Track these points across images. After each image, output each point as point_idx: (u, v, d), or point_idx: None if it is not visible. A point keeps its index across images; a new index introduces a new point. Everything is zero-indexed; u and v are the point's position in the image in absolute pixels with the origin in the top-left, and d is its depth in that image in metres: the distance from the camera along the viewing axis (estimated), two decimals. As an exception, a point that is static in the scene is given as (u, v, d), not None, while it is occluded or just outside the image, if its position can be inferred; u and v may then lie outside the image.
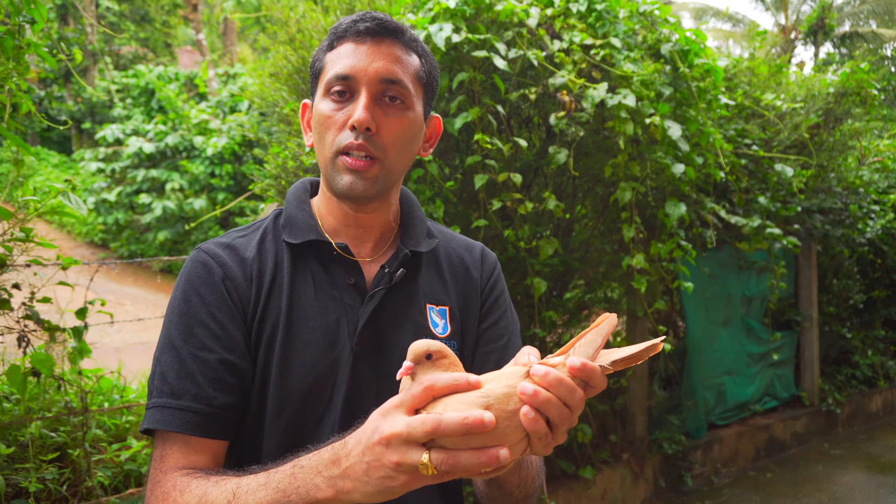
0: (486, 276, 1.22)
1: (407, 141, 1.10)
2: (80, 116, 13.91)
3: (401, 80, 1.07)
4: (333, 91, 1.07)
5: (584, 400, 0.79)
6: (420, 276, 1.15)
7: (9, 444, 2.57)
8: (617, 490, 4.22)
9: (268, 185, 3.51)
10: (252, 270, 1.08)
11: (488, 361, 1.16)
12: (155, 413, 1.00)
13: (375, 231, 1.16)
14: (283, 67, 3.45)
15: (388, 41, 1.08)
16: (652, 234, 3.85)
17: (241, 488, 0.89)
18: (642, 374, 4.47)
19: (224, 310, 1.04)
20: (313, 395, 1.04)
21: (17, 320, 2.36)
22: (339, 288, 1.09)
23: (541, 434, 0.77)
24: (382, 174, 1.07)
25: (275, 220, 1.15)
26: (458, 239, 1.26)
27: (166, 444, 1.00)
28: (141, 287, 10.13)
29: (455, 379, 0.77)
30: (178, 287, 1.07)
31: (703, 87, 3.57)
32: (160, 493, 0.96)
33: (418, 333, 1.10)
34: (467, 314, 1.18)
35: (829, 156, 5.26)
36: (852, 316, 6.71)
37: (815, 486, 4.79)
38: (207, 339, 1.02)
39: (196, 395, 1.00)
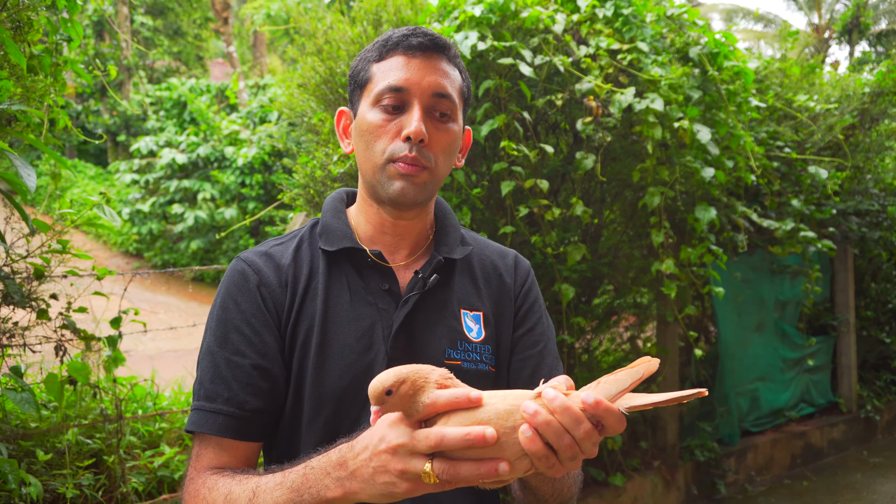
0: (520, 283, 1.24)
1: (452, 152, 1.15)
2: (115, 129, 14.25)
3: (450, 94, 1.12)
4: (384, 102, 1.10)
5: (591, 434, 0.78)
6: (454, 282, 1.18)
7: (46, 450, 2.63)
8: (648, 497, 4.17)
9: (296, 195, 3.55)
10: (287, 276, 1.12)
11: (525, 368, 1.18)
12: (192, 415, 1.07)
13: (411, 238, 1.19)
14: (311, 78, 3.49)
15: (437, 56, 1.13)
16: (682, 239, 3.81)
17: (261, 487, 0.93)
18: (673, 380, 4.41)
19: (259, 316, 1.09)
20: (348, 397, 1.07)
21: (55, 329, 2.42)
22: (374, 293, 1.12)
23: (539, 455, 0.78)
24: (430, 182, 1.12)
25: (311, 229, 1.20)
26: (492, 246, 1.28)
27: (202, 445, 1.06)
28: (174, 296, 10.30)
29: (455, 396, 0.80)
30: (219, 294, 1.12)
31: (732, 90, 3.52)
32: (192, 490, 1.02)
33: (453, 338, 1.13)
34: (501, 320, 1.19)
35: (866, 157, 5.15)
36: (891, 320, 6.53)
37: (854, 495, 4.67)
38: (242, 345, 1.07)
39: (228, 399, 1.05)
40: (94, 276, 2.43)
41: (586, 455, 0.80)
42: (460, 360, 1.12)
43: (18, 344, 2.38)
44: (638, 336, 4.79)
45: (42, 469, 2.56)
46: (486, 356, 1.15)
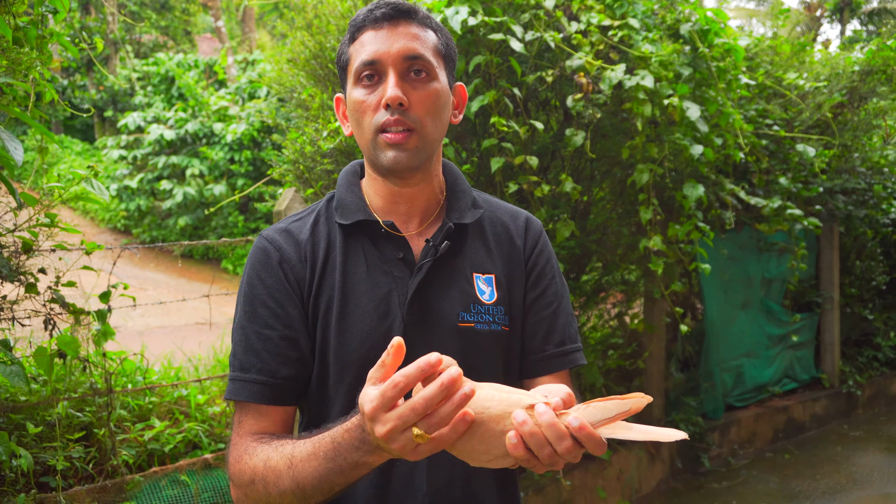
0: (531, 245, 1.26)
1: (438, 110, 1.16)
2: (102, 105, 14.06)
3: (422, 54, 1.14)
4: (363, 77, 1.14)
5: (571, 450, 0.85)
6: (466, 247, 1.21)
7: (36, 423, 2.64)
8: (633, 471, 4.24)
9: (286, 171, 3.54)
10: (306, 251, 1.18)
11: (539, 329, 1.22)
12: (230, 385, 1.15)
13: (420, 205, 1.22)
14: (301, 53, 3.47)
15: (404, 22, 1.15)
16: (670, 216, 3.83)
17: (296, 455, 1.01)
18: (659, 355, 4.47)
19: (282, 291, 1.15)
20: (369, 362, 1.10)
21: (44, 304, 2.42)
22: (389, 262, 1.17)
23: (521, 458, 0.86)
24: (421, 143, 1.14)
25: (328, 203, 1.25)
26: (504, 207, 1.30)
27: (242, 412, 1.14)
28: (163, 272, 10.27)
29: (419, 366, 0.84)
30: (245, 272, 1.19)
31: (723, 68, 3.53)
32: (236, 454, 1.10)
33: (466, 301, 1.17)
34: (513, 281, 1.23)
35: (853, 135, 5.18)
36: (875, 297, 6.63)
37: (834, 468, 4.78)
38: (269, 318, 1.14)
39: (261, 369, 1.12)
40: (82, 251, 2.43)
41: (569, 462, 0.87)
42: (473, 322, 1.16)
43: (7, 318, 2.38)
44: (625, 313, 4.84)
45: (32, 442, 2.58)
46: (498, 317, 1.19)
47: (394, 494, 1.14)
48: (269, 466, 1.03)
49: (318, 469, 0.98)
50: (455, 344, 1.15)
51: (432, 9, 2.96)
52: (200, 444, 2.97)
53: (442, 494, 1.14)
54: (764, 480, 4.57)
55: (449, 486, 1.15)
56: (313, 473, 0.98)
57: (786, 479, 4.58)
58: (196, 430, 2.96)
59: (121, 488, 2.56)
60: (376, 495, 1.14)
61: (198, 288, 9.64)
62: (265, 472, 1.04)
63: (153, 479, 2.68)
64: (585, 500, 3.94)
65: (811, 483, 4.52)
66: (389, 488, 1.15)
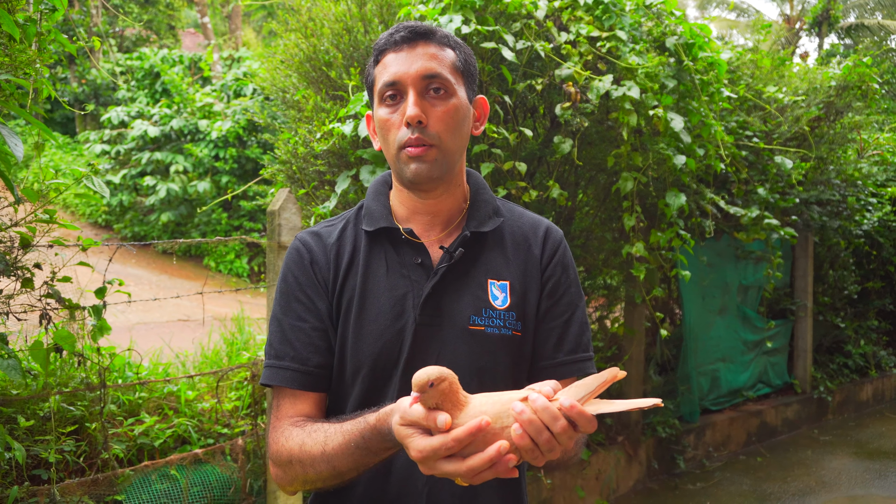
0: (549, 254, 1.31)
1: (457, 124, 1.23)
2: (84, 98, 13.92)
3: (439, 73, 1.21)
4: (386, 97, 1.23)
5: (566, 430, 0.93)
6: (484, 254, 1.28)
7: (27, 417, 2.66)
8: (611, 471, 4.34)
9: (277, 171, 3.58)
10: (331, 254, 1.28)
11: (551, 337, 1.28)
12: (266, 372, 1.25)
13: (443, 215, 1.30)
14: (295, 55, 3.51)
15: (422, 43, 1.23)
16: (652, 223, 3.94)
17: (328, 443, 1.11)
18: (639, 359, 4.57)
19: (313, 287, 1.26)
20: (382, 358, 1.22)
21: (39, 298, 2.45)
22: (408, 267, 1.25)
23: (526, 448, 0.93)
24: (441, 157, 1.21)
25: (357, 211, 1.34)
26: (527, 217, 1.36)
27: (279, 397, 1.25)
28: (143, 268, 10.21)
29: (469, 431, 0.94)
30: (281, 270, 1.29)
31: (706, 80, 3.64)
32: (274, 437, 1.21)
33: (477, 306, 1.24)
34: (528, 289, 1.28)
35: (829, 148, 5.34)
36: (846, 306, 6.81)
37: (804, 471, 4.92)
38: (302, 312, 1.25)
39: (294, 357, 1.23)
40: (79, 247, 2.46)
41: (564, 447, 0.94)
42: (483, 326, 1.23)
43: (2, 312, 2.40)
44: (607, 317, 4.95)
45: (24, 435, 2.60)
46: (509, 322, 1.25)
47: (395, 481, 1.21)
48: (304, 451, 1.14)
49: (351, 456, 1.09)
50: (465, 345, 1.22)
51: (426, 16, 3.03)
52: (190, 440, 3.00)
53: (442, 480, 1.20)
54: (737, 482, 4.70)
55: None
56: (347, 460, 1.09)
57: (758, 481, 4.71)
58: (186, 426, 2.99)
59: (112, 482, 2.59)
60: (379, 481, 1.22)
61: (180, 284, 9.59)
62: (301, 455, 1.14)
63: (143, 473, 2.71)
64: (565, 499, 4.03)
65: (782, 485, 4.65)
66: (391, 475, 1.21)
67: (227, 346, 3.89)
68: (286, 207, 2.93)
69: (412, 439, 0.96)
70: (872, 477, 4.80)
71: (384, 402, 1.18)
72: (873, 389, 6.71)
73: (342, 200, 3.04)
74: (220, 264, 10.55)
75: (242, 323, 4.27)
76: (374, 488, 1.22)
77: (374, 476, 1.20)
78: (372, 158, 2.96)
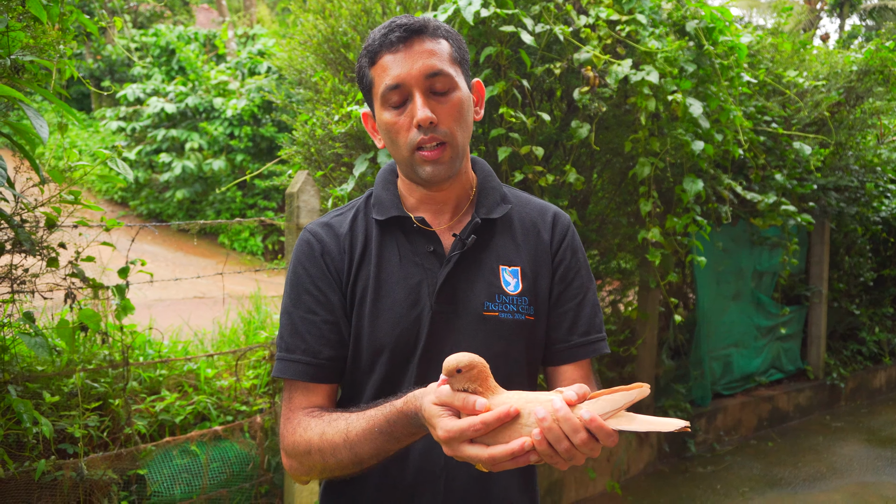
0: (559, 239, 1.33)
1: (464, 118, 1.24)
2: (99, 75, 13.96)
3: (441, 69, 1.21)
4: (391, 102, 1.22)
5: (587, 443, 0.94)
6: (494, 240, 1.29)
7: (52, 392, 2.73)
8: (622, 454, 4.38)
9: (295, 152, 3.60)
10: (345, 244, 1.27)
11: (564, 321, 1.30)
12: (277, 364, 1.26)
13: (451, 203, 1.31)
14: (313, 37, 3.52)
15: (418, 40, 1.21)
16: (668, 209, 3.93)
17: (351, 430, 1.12)
18: (652, 343, 4.59)
19: (324, 280, 1.26)
20: (399, 346, 1.23)
21: (64, 277, 2.50)
22: (421, 255, 1.26)
23: (544, 453, 0.95)
24: (454, 153, 1.23)
25: (367, 200, 1.34)
26: (534, 203, 1.38)
27: (291, 389, 1.25)
28: (159, 245, 10.30)
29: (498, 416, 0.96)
30: (291, 262, 1.29)
31: (725, 65, 3.61)
32: (290, 428, 1.22)
33: (490, 292, 1.25)
34: (539, 274, 1.30)
35: (849, 134, 5.28)
36: (862, 293, 6.77)
37: (815, 457, 4.94)
38: (313, 305, 1.25)
39: (305, 350, 1.23)
40: (102, 227, 2.50)
41: (587, 455, 0.96)
42: (497, 312, 1.25)
43: (28, 290, 2.45)
44: (620, 301, 4.96)
45: (49, 410, 2.67)
46: (522, 307, 1.27)
47: (412, 466, 1.24)
48: (325, 440, 1.15)
49: (374, 442, 1.10)
50: (480, 332, 1.23)
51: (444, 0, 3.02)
52: (209, 417, 3.06)
53: (459, 465, 1.22)
54: (747, 466, 4.73)
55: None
56: (370, 446, 1.10)
57: (768, 466, 4.74)
58: (205, 403, 3.06)
59: (134, 456, 2.65)
60: (396, 466, 1.24)
61: (195, 262, 9.69)
62: (321, 444, 1.15)
63: (165, 448, 2.78)
64: (576, 480, 4.08)
65: (792, 470, 4.68)
66: (408, 460, 1.24)
67: (245, 324, 3.94)
68: (305, 190, 2.95)
69: (441, 419, 0.98)
70: (884, 464, 4.82)
71: (402, 389, 1.20)
72: (887, 377, 6.70)
73: (360, 183, 3.06)
74: (235, 242, 10.62)
75: (259, 302, 4.32)
76: (391, 474, 1.24)
77: (392, 461, 1.21)
78: (390, 142, 2.98)
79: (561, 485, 3.99)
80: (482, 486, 1.25)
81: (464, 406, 0.97)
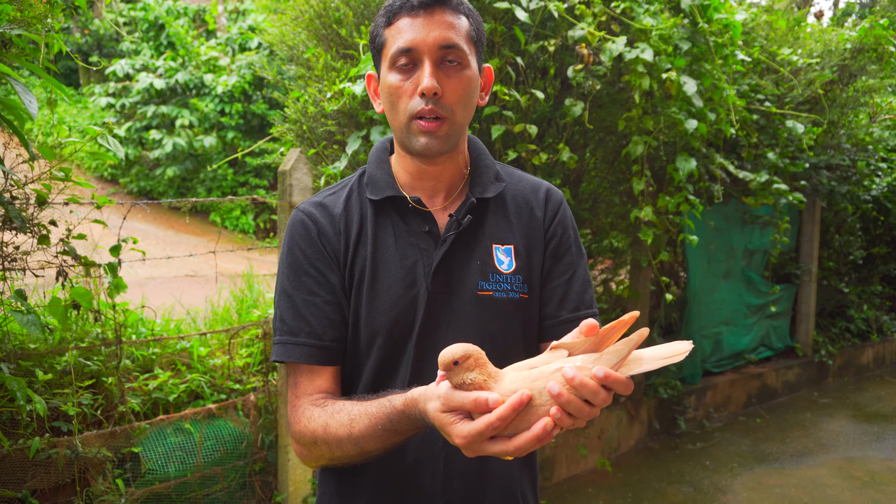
0: (551, 215, 1.33)
1: (468, 96, 1.22)
2: (87, 49, 13.75)
3: (456, 44, 1.18)
4: (399, 64, 1.19)
5: (606, 400, 0.93)
6: (487, 219, 1.28)
7: (45, 370, 2.73)
8: (613, 430, 4.43)
9: (287, 130, 3.57)
10: (340, 225, 1.26)
11: (555, 296, 1.30)
12: (279, 348, 1.23)
13: (446, 181, 1.29)
14: (305, 12, 3.47)
15: (439, 10, 1.19)
16: (660, 187, 3.93)
17: (354, 425, 1.11)
18: (643, 322, 4.62)
19: (322, 260, 1.24)
20: (397, 327, 1.22)
21: (55, 255, 2.48)
22: (416, 235, 1.25)
23: (566, 425, 0.94)
24: (451, 130, 1.21)
25: (360, 179, 1.32)
26: (526, 180, 1.37)
27: (295, 373, 1.24)
28: (150, 223, 10.25)
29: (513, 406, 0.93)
30: (285, 243, 1.26)
31: (720, 42, 3.59)
32: (296, 416, 1.21)
33: (485, 271, 1.25)
34: (531, 251, 1.30)
35: (841, 112, 5.28)
36: (851, 271, 6.83)
37: (802, 432, 5.01)
38: (313, 285, 1.23)
39: (309, 333, 1.22)
40: (93, 205, 2.48)
41: (603, 407, 0.95)
42: (492, 291, 1.24)
43: (19, 268, 2.44)
44: (612, 279, 4.98)
45: (42, 388, 2.67)
46: (516, 285, 1.26)
47: (412, 447, 1.24)
48: (330, 433, 1.14)
49: (378, 437, 1.10)
50: (475, 311, 1.23)
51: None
52: (203, 395, 3.07)
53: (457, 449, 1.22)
54: (736, 442, 4.80)
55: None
56: (373, 441, 1.11)
57: (757, 442, 4.81)
58: (199, 381, 3.06)
59: (129, 434, 2.66)
60: (396, 448, 1.22)
61: (186, 240, 9.65)
62: (325, 436, 1.15)
63: (159, 426, 2.79)
64: (567, 457, 4.13)
65: (780, 446, 4.75)
66: (409, 441, 1.22)
67: (238, 303, 3.94)
68: (297, 167, 2.93)
69: (455, 426, 0.96)
70: (870, 439, 4.90)
71: (399, 370, 1.21)
72: (874, 354, 6.78)
73: (353, 161, 3.04)
74: (226, 220, 10.58)
75: (252, 280, 4.31)
76: (391, 455, 1.22)
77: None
78: (382, 119, 2.96)
79: (552, 462, 4.03)
80: (482, 464, 1.25)
81: (476, 406, 0.94)
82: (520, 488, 1.30)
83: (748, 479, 4.21)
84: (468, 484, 1.24)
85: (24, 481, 2.43)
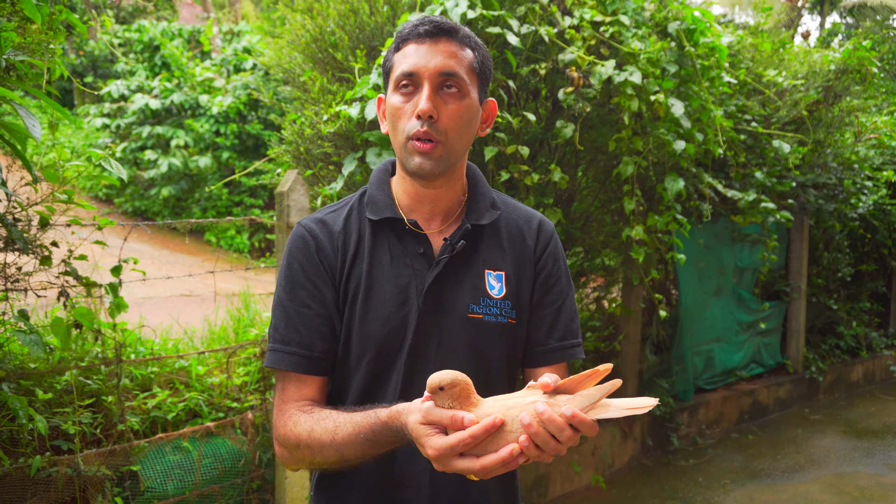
0: (542, 247, 1.39)
1: (465, 124, 1.28)
2: (81, 70, 13.85)
3: (456, 72, 1.25)
4: (401, 86, 1.26)
5: (572, 438, 1.01)
6: (481, 245, 1.34)
7: (45, 390, 2.75)
8: (607, 447, 4.47)
9: (283, 151, 3.64)
10: (338, 242, 1.31)
11: (543, 324, 1.36)
12: (271, 355, 1.29)
13: (443, 205, 1.35)
14: (301, 36, 3.55)
15: (445, 40, 1.26)
16: (650, 206, 4.01)
17: (338, 433, 1.17)
18: (635, 338, 4.68)
19: (319, 275, 1.30)
20: (387, 343, 1.28)
21: (57, 276, 2.52)
22: (411, 256, 1.30)
23: (531, 454, 1.01)
24: (445, 154, 1.26)
25: (360, 198, 1.38)
26: (521, 210, 1.43)
27: (284, 380, 1.29)
28: (146, 243, 10.26)
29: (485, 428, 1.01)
30: (285, 256, 1.32)
31: (707, 65, 3.69)
32: (282, 420, 1.26)
33: (476, 295, 1.30)
34: (522, 279, 1.36)
35: (827, 131, 5.40)
36: (840, 288, 6.91)
37: (794, 448, 5.06)
38: (307, 298, 1.29)
39: (300, 343, 1.27)
40: (95, 226, 2.53)
41: (570, 446, 1.03)
42: (482, 314, 1.30)
43: (21, 288, 2.48)
44: (604, 297, 5.04)
45: (42, 407, 2.70)
46: (505, 311, 1.32)
47: (400, 458, 1.29)
48: (313, 437, 1.20)
49: (359, 447, 1.16)
50: (464, 332, 1.29)
51: (432, 1, 3.07)
52: (201, 413, 3.10)
53: None
54: (729, 459, 4.83)
55: None
56: (355, 450, 1.16)
57: (749, 459, 4.85)
58: (197, 400, 3.09)
59: (128, 453, 2.69)
60: (384, 460, 1.27)
61: (181, 260, 9.66)
62: (309, 441, 1.20)
63: (158, 444, 2.81)
64: (561, 474, 4.16)
65: (772, 462, 4.79)
66: (396, 453, 1.27)
67: (234, 322, 3.97)
68: (295, 189, 2.99)
69: (429, 438, 1.03)
70: (860, 455, 4.94)
71: (389, 385, 1.26)
72: (864, 370, 6.85)
73: (349, 182, 3.10)
74: (222, 240, 10.61)
75: (248, 299, 4.35)
76: (379, 467, 1.28)
77: (380, 457, 1.25)
78: (378, 141, 3.02)
79: (546, 479, 4.06)
80: (466, 479, 1.28)
81: (452, 423, 1.01)
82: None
83: (740, 495, 4.25)
84: (452, 498, 1.29)
85: (25, 500, 2.45)
